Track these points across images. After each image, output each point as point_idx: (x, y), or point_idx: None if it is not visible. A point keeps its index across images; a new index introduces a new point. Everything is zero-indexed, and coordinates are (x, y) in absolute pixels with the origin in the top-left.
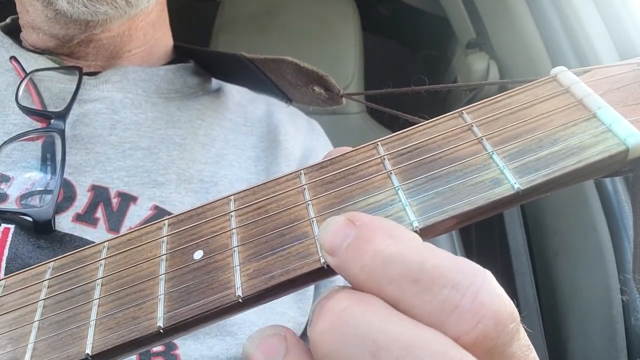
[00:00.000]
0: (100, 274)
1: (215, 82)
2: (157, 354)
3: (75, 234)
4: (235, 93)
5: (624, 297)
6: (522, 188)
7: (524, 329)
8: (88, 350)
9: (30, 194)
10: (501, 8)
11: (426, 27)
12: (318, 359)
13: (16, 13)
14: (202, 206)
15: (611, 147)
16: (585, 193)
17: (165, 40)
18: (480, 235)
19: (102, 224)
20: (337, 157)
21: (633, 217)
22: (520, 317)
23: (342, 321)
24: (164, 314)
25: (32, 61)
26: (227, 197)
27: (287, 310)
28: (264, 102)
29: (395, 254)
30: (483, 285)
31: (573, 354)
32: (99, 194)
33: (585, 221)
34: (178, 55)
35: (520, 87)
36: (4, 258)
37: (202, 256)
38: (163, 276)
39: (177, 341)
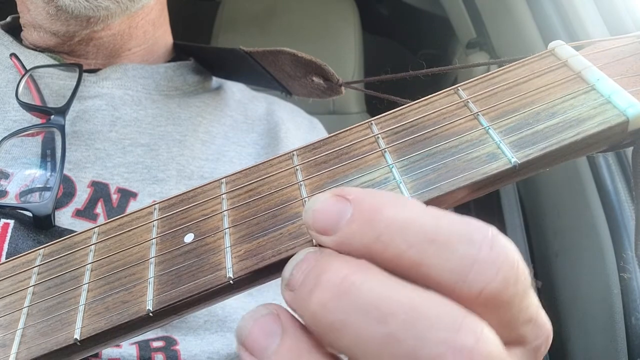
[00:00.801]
0: (90, 259)
1: (215, 80)
2: (158, 349)
3: (75, 229)
4: (236, 91)
5: (626, 275)
6: (519, 162)
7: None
8: (76, 335)
9: (30, 190)
10: (502, 8)
11: (426, 27)
12: (320, 332)
13: (16, 12)
14: (193, 189)
15: (610, 118)
16: (585, 193)
17: (165, 38)
18: None
19: (101, 219)
20: (330, 137)
21: (634, 191)
22: None
23: (344, 290)
24: (153, 298)
25: (32, 58)
26: (218, 179)
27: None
28: (265, 100)
29: (410, 218)
30: (495, 238)
31: (573, 354)
32: (99, 190)
33: (586, 221)
34: (178, 54)
35: (517, 62)
36: (4, 253)
37: (193, 239)
38: (153, 259)
39: (178, 337)
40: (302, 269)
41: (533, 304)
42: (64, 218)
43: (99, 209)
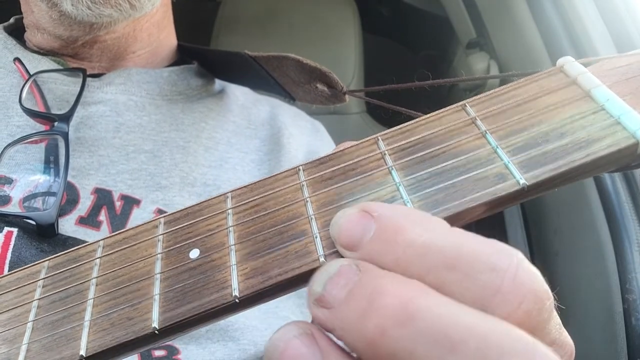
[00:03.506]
0: (95, 273)
1: (218, 84)
2: (160, 358)
3: (79, 237)
4: (239, 95)
5: (630, 297)
6: (527, 183)
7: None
8: (82, 352)
9: (33, 196)
10: (502, 8)
11: (426, 27)
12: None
13: (18, 13)
14: (198, 204)
15: (620, 140)
16: (585, 193)
17: (169, 40)
18: (480, 234)
19: (105, 227)
20: (337, 152)
21: None
22: None
23: (410, 315)
24: (159, 315)
25: (35, 62)
26: (224, 194)
27: (290, 315)
28: (268, 104)
29: (429, 242)
30: (519, 265)
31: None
32: (103, 197)
33: (586, 221)
34: (181, 56)
35: (525, 79)
36: (7, 262)
37: (199, 255)
38: (158, 275)
39: (180, 346)
40: (339, 284)
41: (555, 326)
42: (68, 225)
43: (103, 216)
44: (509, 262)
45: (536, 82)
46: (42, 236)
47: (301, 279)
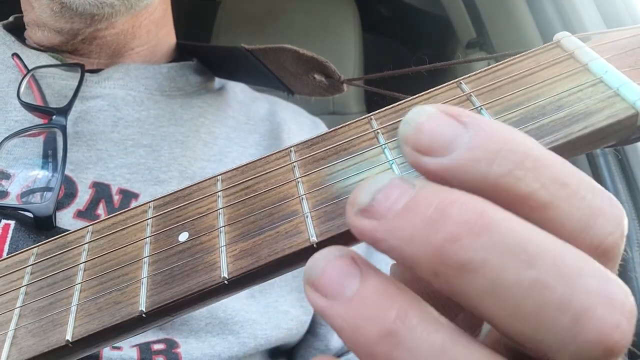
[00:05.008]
0: (83, 258)
1: (218, 81)
2: (159, 352)
3: None
4: (239, 92)
5: (634, 275)
6: None
7: None
8: (68, 337)
9: (31, 191)
10: (502, 8)
11: (426, 27)
12: (441, 270)
13: (17, 12)
14: (188, 187)
15: (619, 111)
16: None
17: (168, 38)
18: None
19: None
20: (329, 132)
21: None
22: None
23: (486, 226)
24: (146, 298)
25: (34, 58)
26: (214, 177)
27: (290, 309)
28: (267, 101)
29: (542, 155)
30: (609, 192)
31: None
32: (101, 191)
33: None
34: (180, 54)
35: (521, 54)
36: (4, 255)
37: (188, 238)
38: (147, 259)
39: (179, 339)
40: (393, 195)
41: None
42: (66, 219)
43: (101, 209)
44: (602, 188)
45: (533, 57)
46: (40, 229)
47: (291, 260)
